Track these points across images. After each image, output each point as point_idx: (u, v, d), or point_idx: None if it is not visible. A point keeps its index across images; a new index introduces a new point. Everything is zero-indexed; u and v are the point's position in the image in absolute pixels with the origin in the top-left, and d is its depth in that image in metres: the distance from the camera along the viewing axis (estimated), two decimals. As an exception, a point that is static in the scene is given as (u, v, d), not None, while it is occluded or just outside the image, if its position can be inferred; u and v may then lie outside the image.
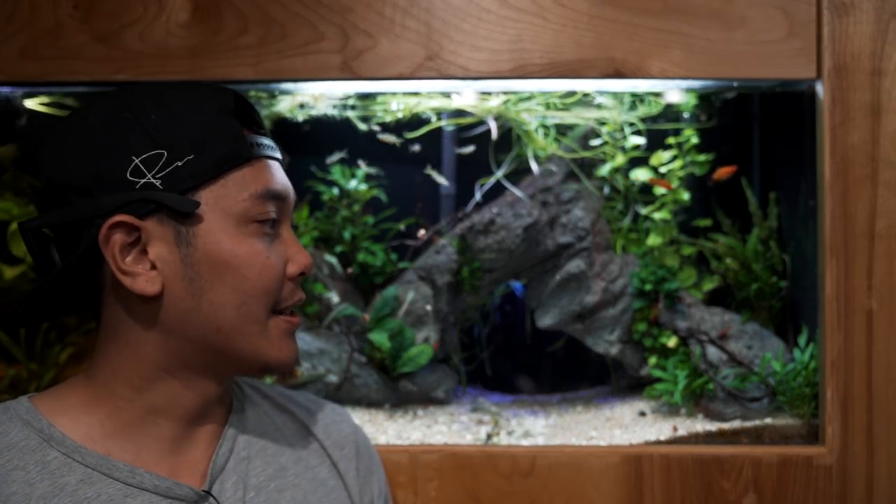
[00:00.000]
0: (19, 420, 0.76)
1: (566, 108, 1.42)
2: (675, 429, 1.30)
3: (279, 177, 0.82)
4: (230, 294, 0.77)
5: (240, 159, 0.78)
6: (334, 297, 1.48)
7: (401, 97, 1.41)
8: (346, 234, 1.52)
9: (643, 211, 1.52)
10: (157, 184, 0.74)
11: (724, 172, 1.46)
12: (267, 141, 0.82)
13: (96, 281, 0.79)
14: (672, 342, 1.42)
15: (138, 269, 0.75)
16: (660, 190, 1.50)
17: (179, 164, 0.75)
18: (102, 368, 0.79)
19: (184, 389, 0.80)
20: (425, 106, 1.42)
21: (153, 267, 0.76)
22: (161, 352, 0.78)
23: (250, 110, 0.82)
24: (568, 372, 1.63)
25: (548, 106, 1.42)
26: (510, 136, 1.49)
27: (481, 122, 1.46)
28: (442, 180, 1.52)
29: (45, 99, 1.34)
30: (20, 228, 0.77)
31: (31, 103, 1.34)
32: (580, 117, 1.45)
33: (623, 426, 1.36)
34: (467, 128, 1.48)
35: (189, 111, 0.78)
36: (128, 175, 0.74)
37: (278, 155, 0.84)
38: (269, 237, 0.80)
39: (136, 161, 0.74)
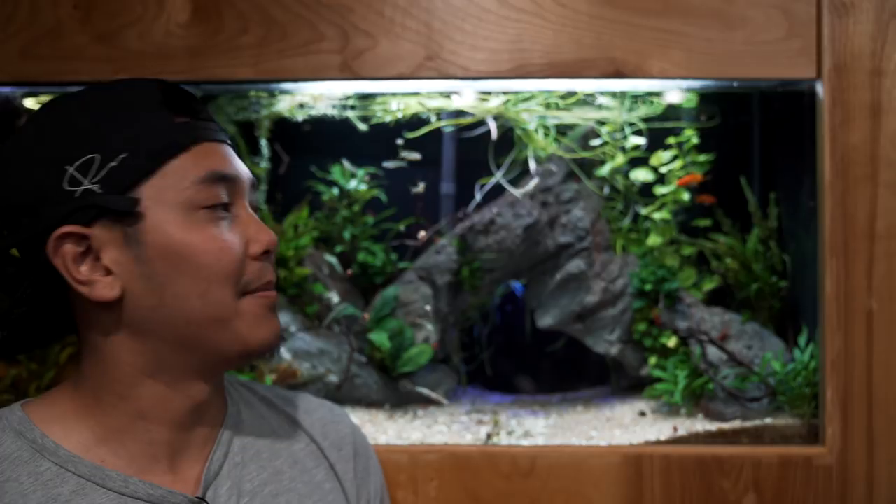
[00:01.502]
0: (12, 431, 0.75)
1: (566, 108, 1.42)
2: (675, 429, 1.30)
3: (225, 158, 0.80)
4: (191, 284, 0.75)
5: (174, 148, 0.76)
6: (334, 297, 1.48)
7: (401, 97, 1.41)
8: (346, 234, 1.52)
9: (643, 211, 1.52)
10: (96, 188, 0.73)
11: (688, 180, 1.47)
12: (207, 124, 0.80)
13: (61, 298, 0.78)
14: (672, 342, 1.42)
15: (95, 277, 0.75)
16: (660, 190, 1.50)
17: (114, 164, 0.74)
18: (86, 380, 0.79)
19: (169, 392, 0.78)
20: (425, 106, 1.42)
21: (109, 272, 0.75)
22: (136, 355, 0.77)
23: (183, 96, 0.79)
24: (568, 372, 1.63)
25: (548, 106, 1.42)
26: (510, 137, 1.49)
27: (481, 123, 1.46)
28: (415, 156, 1.50)
29: (44, 99, 1.34)
30: None
31: (31, 103, 1.34)
32: (580, 117, 1.45)
33: (623, 426, 1.36)
34: (467, 128, 1.48)
35: (115, 109, 0.77)
36: (65, 185, 0.73)
37: (223, 137, 0.82)
38: (223, 220, 0.78)
39: (70, 170, 0.73)
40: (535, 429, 1.35)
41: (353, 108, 1.44)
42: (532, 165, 1.50)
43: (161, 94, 0.78)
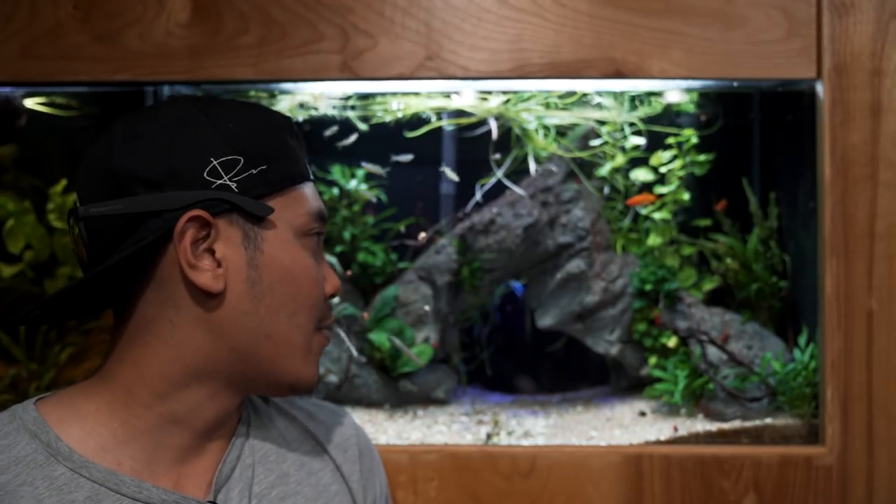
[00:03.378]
0: (27, 432, 0.75)
1: (566, 108, 1.42)
2: (675, 429, 1.30)
3: (318, 199, 0.86)
4: (286, 302, 0.79)
5: (299, 178, 0.82)
6: (334, 298, 1.48)
7: (401, 97, 1.41)
8: (346, 234, 1.52)
9: (643, 211, 1.52)
10: (233, 186, 0.77)
11: (640, 200, 1.47)
12: (307, 164, 0.86)
13: (139, 276, 0.78)
14: (672, 342, 1.42)
15: (205, 265, 0.76)
16: (660, 190, 1.50)
17: (254, 171, 0.78)
18: (125, 369, 0.78)
19: (207, 400, 0.79)
20: (425, 106, 1.42)
21: (219, 265, 0.77)
22: (202, 356, 0.77)
23: (302, 137, 0.86)
24: (568, 372, 1.63)
25: (547, 106, 1.42)
26: (510, 137, 1.49)
27: (481, 123, 1.46)
28: (406, 158, 1.50)
29: (45, 99, 1.35)
30: (75, 215, 0.77)
31: (31, 103, 1.34)
32: (580, 117, 1.45)
33: (623, 426, 1.36)
34: (467, 128, 1.48)
35: (261, 126, 0.81)
36: (205, 174, 0.76)
37: (311, 177, 0.88)
38: (316, 254, 0.83)
39: (215, 162, 0.76)
40: (535, 429, 1.35)
41: (353, 108, 1.44)
42: (532, 165, 1.50)
43: (291, 127, 0.84)
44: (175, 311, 0.77)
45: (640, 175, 1.49)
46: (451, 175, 1.51)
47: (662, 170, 1.49)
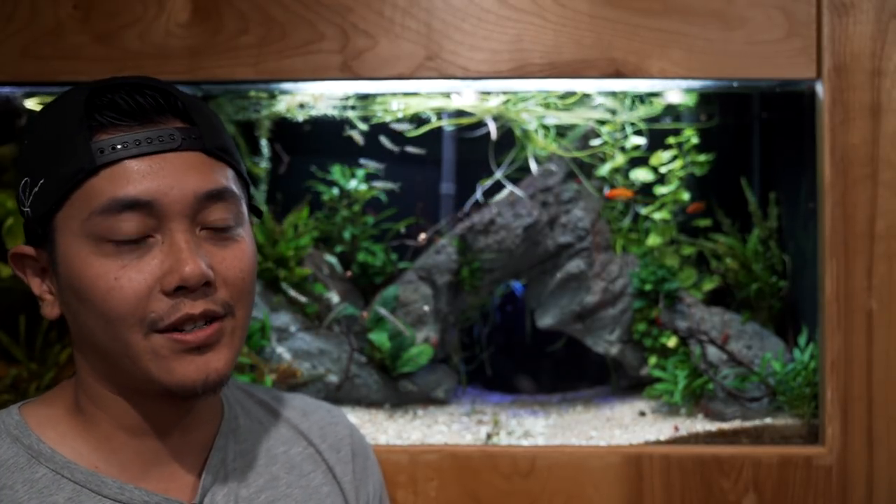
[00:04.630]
0: (8, 436, 0.75)
1: (566, 108, 1.42)
2: (675, 428, 1.30)
3: (140, 178, 0.70)
4: (93, 319, 0.72)
5: (80, 173, 0.69)
6: (334, 297, 1.48)
7: (401, 97, 1.41)
8: (346, 234, 1.52)
9: (643, 211, 1.52)
10: (29, 212, 0.73)
11: (618, 194, 1.47)
12: (138, 135, 0.71)
13: None
14: (672, 342, 1.42)
15: (45, 295, 0.76)
16: (660, 190, 1.50)
17: (36, 189, 0.71)
18: (75, 384, 0.80)
19: (142, 408, 0.77)
20: (425, 106, 1.42)
21: (51, 293, 0.76)
22: (92, 371, 0.77)
23: (113, 103, 0.71)
24: (568, 372, 1.63)
25: (547, 106, 1.42)
26: (510, 136, 1.49)
27: (481, 123, 1.46)
28: (357, 136, 1.50)
29: (45, 99, 1.34)
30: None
31: (31, 103, 1.34)
32: (580, 117, 1.45)
33: (623, 426, 1.36)
34: (468, 128, 1.48)
35: (44, 127, 0.73)
36: (20, 205, 0.75)
37: (157, 147, 0.71)
38: (132, 252, 0.71)
39: (19, 191, 0.74)
40: (535, 429, 1.35)
41: (353, 108, 1.44)
42: (532, 165, 1.50)
43: (84, 107, 0.70)
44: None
45: (640, 175, 1.49)
46: (356, 136, 1.49)
47: (662, 170, 1.49)
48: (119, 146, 0.70)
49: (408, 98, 1.41)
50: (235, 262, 0.75)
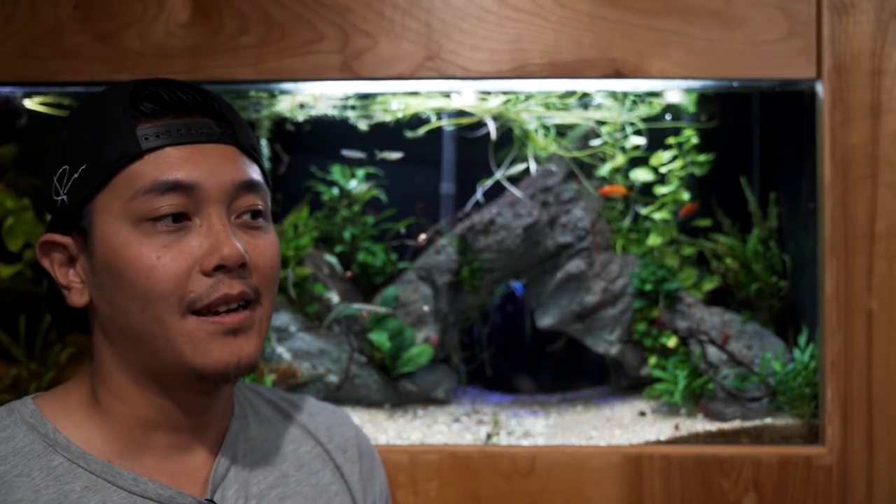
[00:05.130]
0: (24, 424, 0.76)
1: (565, 108, 1.42)
2: (676, 427, 1.30)
3: (187, 163, 0.74)
4: (130, 300, 0.74)
5: (125, 158, 0.73)
6: (334, 297, 1.48)
7: (401, 97, 1.41)
8: (346, 234, 1.52)
9: (643, 211, 1.52)
10: (65, 200, 0.75)
11: (612, 190, 1.47)
12: (185, 124, 0.75)
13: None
14: (672, 342, 1.42)
15: (75, 284, 0.77)
16: (660, 190, 1.50)
17: (76, 175, 0.74)
18: (91, 379, 0.80)
19: (159, 399, 0.78)
20: (425, 106, 1.42)
21: (82, 280, 0.77)
22: (118, 361, 0.78)
23: (155, 98, 0.75)
24: (568, 372, 1.63)
25: (547, 106, 1.42)
26: (510, 136, 1.49)
27: (481, 123, 1.46)
28: (394, 155, 1.50)
29: (45, 99, 1.35)
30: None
31: (31, 103, 1.34)
32: (580, 117, 1.45)
33: (623, 426, 1.36)
34: (468, 128, 1.48)
35: (87, 118, 0.76)
36: (53, 194, 0.76)
37: (207, 136, 0.76)
38: (175, 232, 0.73)
39: (54, 180, 0.76)
40: (535, 429, 1.35)
41: (353, 108, 1.44)
42: (532, 165, 1.50)
43: (130, 97, 0.74)
44: (92, 325, 0.80)
45: (641, 175, 1.49)
46: (393, 156, 1.50)
47: (662, 170, 1.49)
48: (162, 134, 0.74)
49: (408, 98, 1.41)
50: (266, 250, 0.79)
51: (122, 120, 0.74)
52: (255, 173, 0.79)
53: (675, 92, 1.39)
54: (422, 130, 1.46)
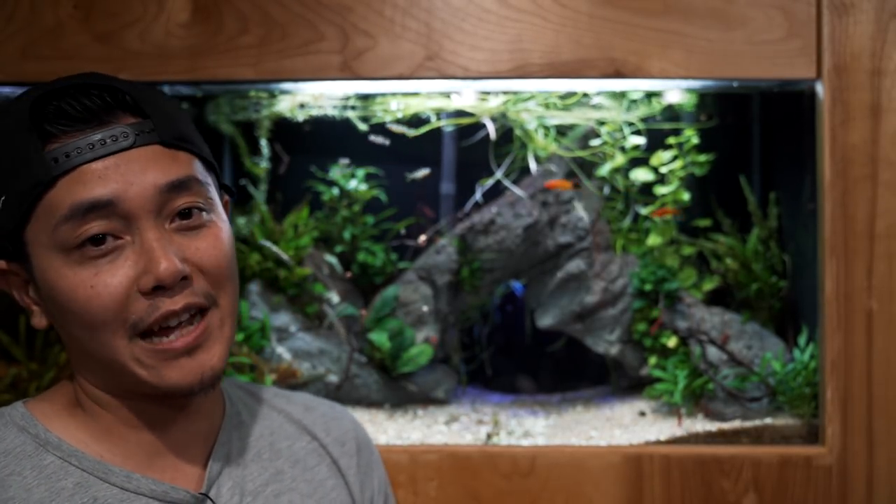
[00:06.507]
0: (14, 426, 0.76)
1: (565, 108, 1.42)
2: (679, 422, 1.30)
3: (97, 181, 0.69)
4: (77, 328, 0.72)
5: (39, 187, 0.68)
6: (334, 297, 1.48)
7: (401, 97, 1.41)
8: (346, 234, 1.52)
9: (643, 211, 1.52)
10: (3, 227, 0.72)
11: (558, 184, 1.47)
12: (90, 139, 0.69)
13: None
14: (672, 342, 1.42)
15: (32, 307, 0.76)
16: (660, 190, 1.50)
17: (0, 207, 0.71)
18: (74, 383, 0.80)
19: (138, 405, 0.77)
20: (425, 106, 1.42)
21: (37, 303, 0.76)
22: (88, 375, 0.78)
23: (60, 110, 0.70)
24: (568, 372, 1.63)
25: (547, 106, 1.42)
26: (510, 136, 1.49)
27: (482, 124, 1.46)
28: (423, 172, 1.51)
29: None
30: None
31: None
32: (580, 117, 1.45)
33: (623, 426, 1.36)
34: (467, 128, 1.48)
35: (1, 140, 0.71)
36: None
37: (112, 147, 0.70)
38: (103, 257, 0.70)
39: None
40: (535, 429, 1.35)
41: (353, 108, 1.44)
42: (532, 165, 1.50)
43: (29, 117, 0.69)
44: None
45: (640, 175, 1.49)
46: (421, 173, 1.51)
47: (663, 170, 1.49)
48: (72, 153, 0.69)
49: (408, 98, 1.41)
50: (210, 249, 0.74)
51: (26, 144, 0.69)
52: (185, 168, 0.74)
53: (675, 92, 1.39)
54: (421, 130, 1.46)
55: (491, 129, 1.45)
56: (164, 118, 0.74)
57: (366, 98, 1.43)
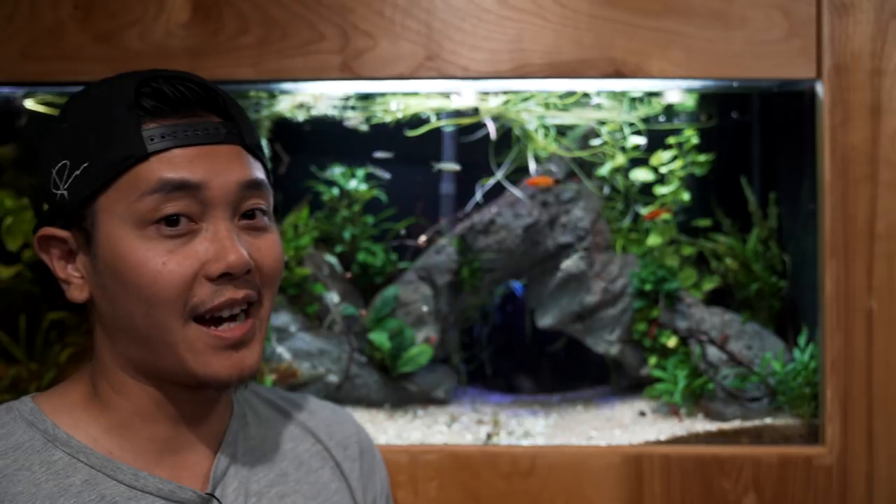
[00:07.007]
0: (23, 421, 0.76)
1: (565, 108, 1.42)
2: (679, 419, 1.30)
3: (188, 165, 0.73)
4: (134, 303, 0.73)
5: (131, 159, 0.72)
6: (334, 297, 1.48)
7: (401, 97, 1.41)
8: (346, 234, 1.52)
9: (643, 211, 1.52)
10: (66, 195, 0.74)
11: (539, 181, 1.47)
12: (191, 125, 0.74)
13: None
14: (672, 342, 1.42)
15: (73, 278, 0.77)
16: (660, 190, 1.50)
17: (78, 173, 0.73)
18: (91, 373, 0.80)
19: (159, 394, 0.78)
20: (425, 106, 1.42)
21: (82, 276, 0.76)
22: (117, 356, 0.78)
23: (160, 92, 0.73)
24: (568, 372, 1.63)
25: (547, 106, 1.42)
26: (510, 137, 1.49)
27: (481, 124, 1.46)
28: (453, 167, 1.52)
29: (45, 98, 1.35)
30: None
31: (31, 103, 1.34)
32: (580, 117, 1.45)
33: (623, 426, 1.36)
34: (468, 128, 1.48)
35: (90, 112, 0.75)
36: (51, 187, 0.75)
37: (216, 138, 0.75)
38: (178, 237, 0.73)
39: (53, 173, 0.75)
40: (535, 429, 1.35)
41: (353, 108, 1.44)
42: (532, 165, 1.50)
43: (134, 94, 0.73)
44: (93, 320, 0.80)
45: (640, 175, 1.49)
46: (450, 167, 1.51)
47: (663, 170, 1.49)
48: (168, 135, 0.73)
49: (408, 98, 1.41)
50: (269, 250, 0.79)
51: (126, 118, 0.72)
52: (259, 172, 0.79)
53: (675, 92, 1.39)
54: (421, 130, 1.46)
55: (491, 129, 1.45)
56: (248, 125, 0.80)
57: (366, 98, 1.43)
